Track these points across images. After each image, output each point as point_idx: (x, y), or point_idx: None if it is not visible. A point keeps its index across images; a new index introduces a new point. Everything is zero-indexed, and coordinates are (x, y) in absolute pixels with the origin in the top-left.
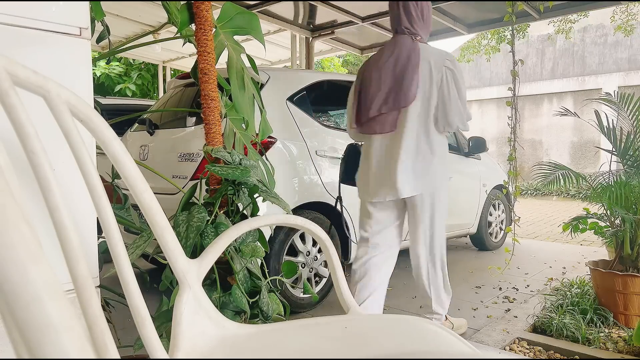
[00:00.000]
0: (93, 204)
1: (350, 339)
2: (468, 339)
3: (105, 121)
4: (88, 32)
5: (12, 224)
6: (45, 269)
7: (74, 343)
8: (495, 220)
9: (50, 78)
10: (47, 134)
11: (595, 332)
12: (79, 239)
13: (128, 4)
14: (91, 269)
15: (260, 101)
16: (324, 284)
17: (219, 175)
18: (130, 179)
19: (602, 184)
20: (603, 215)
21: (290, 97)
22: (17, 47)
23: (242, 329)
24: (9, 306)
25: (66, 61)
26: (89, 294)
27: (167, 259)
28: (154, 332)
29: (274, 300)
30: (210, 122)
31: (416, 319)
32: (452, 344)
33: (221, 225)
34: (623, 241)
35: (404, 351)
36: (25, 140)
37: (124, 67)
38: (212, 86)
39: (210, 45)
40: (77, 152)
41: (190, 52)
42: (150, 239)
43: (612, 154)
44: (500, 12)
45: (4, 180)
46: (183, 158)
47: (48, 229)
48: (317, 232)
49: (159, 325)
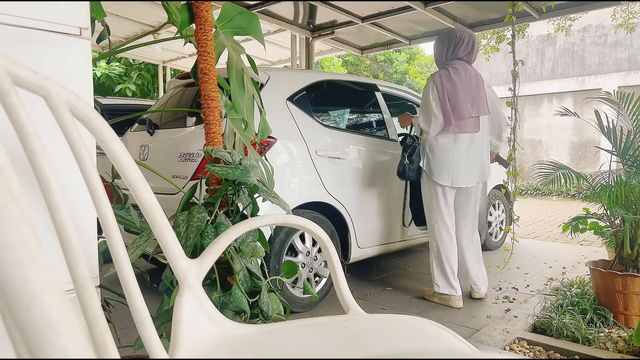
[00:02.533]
0: (93, 204)
1: (350, 339)
2: (468, 339)
3: (105, 121)
4: (88, 32)
5: (12, 224)
6: (45, 269)
7: (74, 343)
8: (495, 220)
9: (50, 78)
10: (47, 134)
11: (595, 332)
12: (79, 239)
13: (128, 4)
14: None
15: (260, 101)
16: (324, 284)
17: (219, 175)
18: (130, 179)
19: (602, 184)
20: (603, 215)
21: (290, 97)
22: (17, 47)
23: (242, 329)
24: (9, 306)
25: (66, 61)
26: (89, 294)
27: (167, 259)
28: (154, 332)
29: (274, 300)
30: (210, 122)
31: (416, 319)
32: (452, 344)
33: (221, 225)
34: (623, 241)
35: (404, 351)
36: (26, 140)
37: (124, 67)
38: (212, 86)
39: (210, 45)
40: (77, 152)
41: (190, 52)
42: (150, 239)
43: (612, 154)
44: (499, 12)
45: (4, 180)
46: (183, 158)
47: (48, 229)
48: (317, 232)
49: (159, 325)
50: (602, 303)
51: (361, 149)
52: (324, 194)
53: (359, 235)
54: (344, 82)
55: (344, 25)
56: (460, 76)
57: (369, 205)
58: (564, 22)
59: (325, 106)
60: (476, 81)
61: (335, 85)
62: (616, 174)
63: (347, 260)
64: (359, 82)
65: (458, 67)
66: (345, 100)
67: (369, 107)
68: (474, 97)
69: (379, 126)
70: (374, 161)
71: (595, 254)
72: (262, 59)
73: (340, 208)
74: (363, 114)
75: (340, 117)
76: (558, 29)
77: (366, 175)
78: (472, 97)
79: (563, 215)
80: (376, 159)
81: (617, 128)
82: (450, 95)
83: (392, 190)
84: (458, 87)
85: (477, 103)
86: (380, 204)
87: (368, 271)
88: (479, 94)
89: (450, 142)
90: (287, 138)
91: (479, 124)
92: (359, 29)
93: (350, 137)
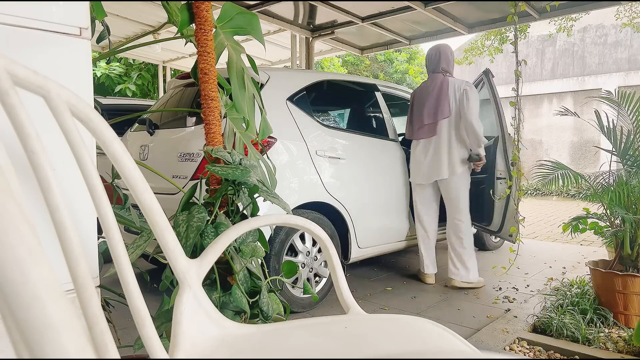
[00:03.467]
0: (93, 204)
1: (350, 339)
2: (468, 339)
3: (105, 121)
4: (88, 32)
5: (12, 224)
6: (45, 269)
7: (74, 343)
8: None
9: (50, 78)
10: (47, 134)
11: (595, 332)
12: (79, 239)
13: (128, 4)
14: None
15: (261, 101)
16: (324, 284)
17: (219, 175)
18: (130, 179)
19: (602, 184)
20: (603, 215)
21: (290, 97)
22: (17, 47)
23: (242, 329)
24: (9, 306)
25: (66, 61)
26: (89, 294)
27: (167, 259)
28: (154, 332)
29: (274, 300)
30: (210, 122)
31: (416, 319)
32: (452, 344)
33: (221, 225)
34: (623, 241)
35: (404, 351)
36: (26, 140)
37: (124, 67)
38: (212, 86)
39: (210, 45)
40: (77, 152)
41: (190, 52)
42: (150, 239)
43: (612, 154)
44: (500, 12)
45: (4, 180)
46: (183, 158)
47: (48, 229)
48: (317, 232)
49: (159, 325)
50: (602, 303)
51: (361, 148)
52: (324, 194)
53: (359, 235)
54: (344, 82)
55: (344, 25)
56: (427, 88)
57: (369, 205)
58: (565, 23)
59: (326, 106)
60: (438, 89)
61: (335, 85)
62: (616, 174)
63: (347, 260)
64: (359, 82)
65: (429, 80)
66: (345, 100)
67: (369, 107)
68: (431, 105)
69: (379, 126)
70: (374, 161)
71: (595, 254)
72: (262, 59)
73: (340, 208)
74: (363, 114)
75: (340, 117)
76: (560, 30)
77: (366, 175)
78: (430, 105)
79: (563, 215)
80: (376, 158)
81: (617, 128)
82: (414, 108)
83: (392, 190)
84: (421, 100)
85: (434, 109)
86: (380, 203)
87: (368, 271)
88: (438, 101)
89: (414, 145)
90: (287, 138)
91: (436, 129)
92: (359, 29)
93: (350, 137)
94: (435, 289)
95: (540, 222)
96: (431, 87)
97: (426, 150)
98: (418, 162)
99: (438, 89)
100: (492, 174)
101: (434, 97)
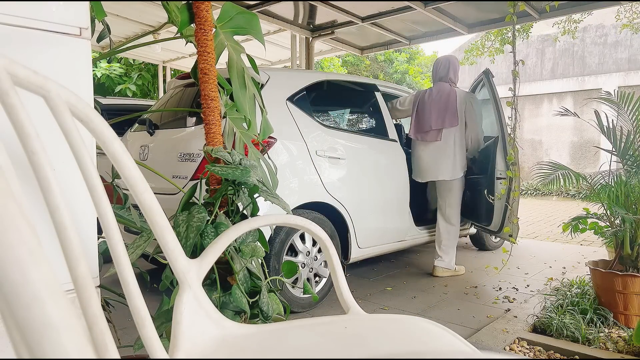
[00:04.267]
0: (93, 204)
1: (350, 339)
2: (468, 339)
3: (105, 121)
4: (88, 32)
5: (12, 224)
6: (45, 269)
7: (74, 343)
8: None
9: (50, 78)
10: (47, 134)
11: (595, 332)
12: (79, 239)
13: (128, 4)
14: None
15: (261, 101)
16: (324, 284)
17: (219, 175)
18: (130, 179)
19: (602, 184)
20: (603, 215)
21: (290, 97)
22: (17, 47)
23: (242, 329)
24: (9, 306)
25: (66, 61)
26: (89, 294)
27: (167, 259)
28: (154, 332)
29: (274, 300)
30: (210, 122)
31: (416, 319)
32: (452, 344)
33: (221, 225)
34: (623, 241)
35: (404, 351)
36: (26, 140)
37: (124, 67)
38: (212, 86)
39: (210, 45)
40: (77, 152)
41: (190, 52)
42: (150, 239)
43: (612, 154)
44: (500, 12)
45: (4, 180)
46: (183, 158)
47: (48, 229)
48: (317, 232)
49: (159, 325)
50: (602, 303)
51: (361, 149)
52: (324, 194)
53: (359, 235)
54: (344, 82)
55: (344, 25)
56: (432, 96)
57: (369, 205)
58: (569, 25)
59: (325, 106)
60: (446, 98)
61: (335, 85)
62: (616, 174)
63: (347, 260)
64: (358, 82)
65: (435, 88)
66: (345, 100)
67: (369, 108)
68: (440, 112)
69: (379, 126)
70: (374, 161)
71: (595, 254)
72: (262, 59)
73: (340, 208)
74: (363, 114)
75: (340, 117)
76: (564, 32)
77: (366, 175)
78: (438, 112)
79: (563, 215)
80: (376, 159)
81: (617, 128)
82: (419, 112)
83: (392, 190)
84: (426, 106)
85: (442, 117)
86: (380, 203)
87: (368, 271)
88: (447, 110)
89: (415, 145)
90: (287, 138)
91: (441, 135)
92: (359, 29)
93: (350, 137)
94: (435, 289)
95: (540, 222)
96: (439, 95)
97: (428, 151)
98: (417, 160)
99: (446, 98)
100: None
101: (442, 105)
